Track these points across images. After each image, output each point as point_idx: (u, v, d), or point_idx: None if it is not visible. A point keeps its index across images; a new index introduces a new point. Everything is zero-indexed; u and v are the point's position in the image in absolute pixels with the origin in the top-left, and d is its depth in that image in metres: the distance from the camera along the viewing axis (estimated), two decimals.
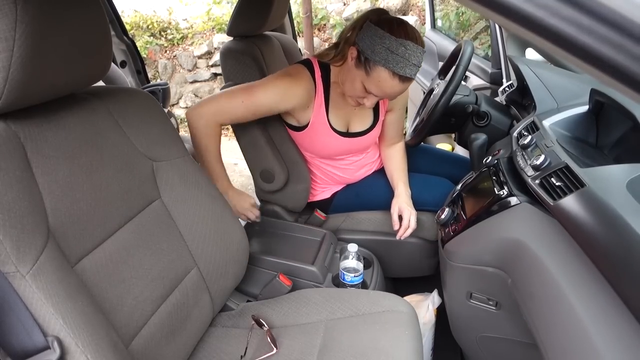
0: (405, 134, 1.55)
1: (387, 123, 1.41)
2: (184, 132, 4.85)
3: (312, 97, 1.26)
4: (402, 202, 1.34)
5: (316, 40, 4.49)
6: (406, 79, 1.08)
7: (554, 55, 1.36)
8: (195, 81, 5.11)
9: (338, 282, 1.23)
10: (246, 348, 0.97)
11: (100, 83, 1.56)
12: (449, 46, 2.31)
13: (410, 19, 4.46)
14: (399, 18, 1.10)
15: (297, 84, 1.22)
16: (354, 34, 1.14)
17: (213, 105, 1.23)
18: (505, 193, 0.94)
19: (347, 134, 1.33)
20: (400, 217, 1.33)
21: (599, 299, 0.63)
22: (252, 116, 1.26)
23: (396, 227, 1.33)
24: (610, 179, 0.79)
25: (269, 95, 1.22)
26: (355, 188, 1.49)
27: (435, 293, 1.29)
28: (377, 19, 1.09)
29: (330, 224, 1.49)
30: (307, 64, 1.26)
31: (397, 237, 1.33)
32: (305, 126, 1.31)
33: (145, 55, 5.00)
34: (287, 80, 1.22)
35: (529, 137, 1.06)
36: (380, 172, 1.53)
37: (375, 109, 1.35)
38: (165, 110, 2.18)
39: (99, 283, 0.73)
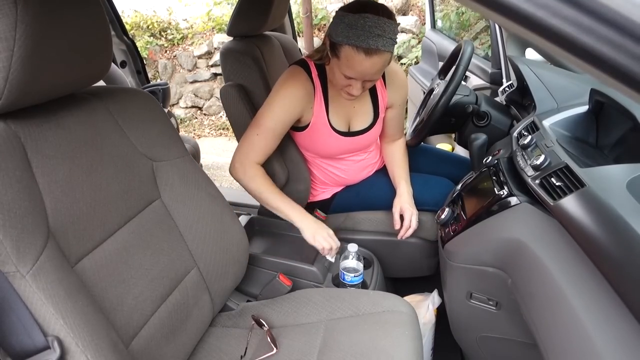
0: (405, 133, 1.55)
1: (387, 119, 1.41)
2: (183, 132, 4.85)
3: (312, 97, 1.26)
4: (404, 202, 1.34)
5: (316, 40, 4.49)
6: (372, 51, 1.04)
7: (554, 55, 1.36)
8: (195, 81, 5.11)
9: (338, 282, 1.23)
10: (246, 348, 0.97)
11: (101, 83, 1.56)
12: (449, 46, 2.31)
13: (410, 19, 4.46)
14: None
15: (296, 87, 1.23)
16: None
17: (238, 153, 1.27)
18: (505, 193, 0.94)
19: (348, 133, 1.33)
20: (402, 217, 1.33)
21: (599, 299, 0.63)
22: (279, 138, 1.27)
23: (397, 226, 1.33)
24: (610, 179, 0.79)
25: (277, 115, 1.22)
26: (355, 188, 1.49)
27: (435, 293, 1.29)
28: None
29: (330, 224, 1.48)
30: (304, 64, 1.26)
31: (399, 237, 1.33)
32: (306, 126, 1.31)
33: (145, 56, 5.01)
34: (284, 89, 1.23)
35: (529, 137, 1.06)
36: (381, 171, 1.53)
37: (375, 106, 1.35)
38: (165, 110, 2.18)
39: (99, 283, 0.73)
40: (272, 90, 1.26)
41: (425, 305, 1.26)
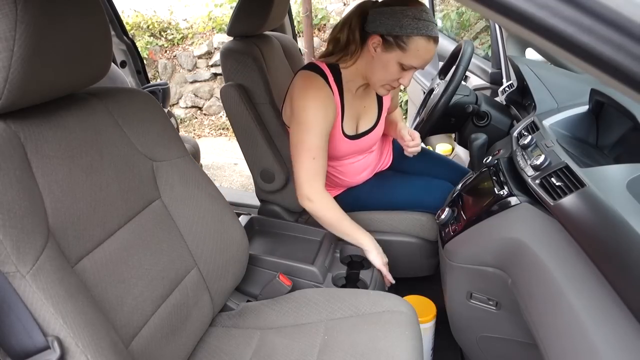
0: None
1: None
2: (183, 132, 4.85)
3: (335, 102, 1.23)
4: (410, 129, 1.42)
5: (316, 40, 4.49)
6: (436, 39, 1.13)
7: (554, 55, 1.36)
8: (195, 81, 5.11)
9: (338, 282, 1.23)
10: (246, 348, 0.97)
11: (101, 83, 1.56)
12: (449, 46, 2.31)
13: None
14: None
15: (323, 97, 1.18)
16: (357, 28, 1.16)
17: (304, 184, 1.21)
18: (505, 193, 0.94)
19: (355, 136, 1.32)
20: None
21: (599, 299, 0.63)
22: (327, 146, 1.23)
23: (410, 142, 1.39)
24: (610, 179, 0.79)
25: (320, 131, 1.18)
26: (355, 190, 1.49)
27: None
28: (376, 3, 1.13)
29: None
30: (317, 69, 1.21)
31: (410, 151, 1.40)
32: None
33: (145, 56, 5.01)
34: (314, 102, 1.17)
35: (529, 137, 1.06)
36: (381, 173, 1.53)
37: (379, 102, 1.36)
38: (165, 110, 2.18)
39: (99, 283, 0.73)
40: (297, 106, 1.19)
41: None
